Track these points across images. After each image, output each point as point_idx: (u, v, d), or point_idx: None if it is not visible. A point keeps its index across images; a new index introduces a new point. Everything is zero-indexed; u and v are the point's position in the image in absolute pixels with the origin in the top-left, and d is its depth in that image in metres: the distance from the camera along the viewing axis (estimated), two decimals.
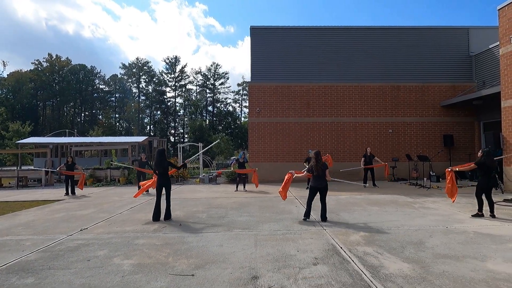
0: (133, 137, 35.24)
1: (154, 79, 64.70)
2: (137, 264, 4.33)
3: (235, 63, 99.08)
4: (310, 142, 15.54)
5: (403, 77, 15.97)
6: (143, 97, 64.79)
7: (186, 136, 59.25)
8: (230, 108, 64.80)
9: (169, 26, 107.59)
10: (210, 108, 64.79)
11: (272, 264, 4.21)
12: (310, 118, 15.78)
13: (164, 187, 7.19)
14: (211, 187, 13.83)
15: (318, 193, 6.82)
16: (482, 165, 6.79)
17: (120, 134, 58.69)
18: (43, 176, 16.27)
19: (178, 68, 64.56)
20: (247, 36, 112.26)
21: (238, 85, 65.00)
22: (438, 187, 11.81)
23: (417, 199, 9.42)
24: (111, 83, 67.02)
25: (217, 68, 64.48)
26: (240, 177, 12.36)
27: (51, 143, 21.45)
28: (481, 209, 6.80)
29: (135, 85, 65.14)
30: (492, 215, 6.70)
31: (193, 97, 64.99)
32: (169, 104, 64.79)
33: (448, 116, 15.79)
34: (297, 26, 16.73)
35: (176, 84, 64.60)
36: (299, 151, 15.45)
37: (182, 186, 14.40)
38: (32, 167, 20.27)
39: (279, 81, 15.95)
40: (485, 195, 6.82)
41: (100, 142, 22.36)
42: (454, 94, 15.64)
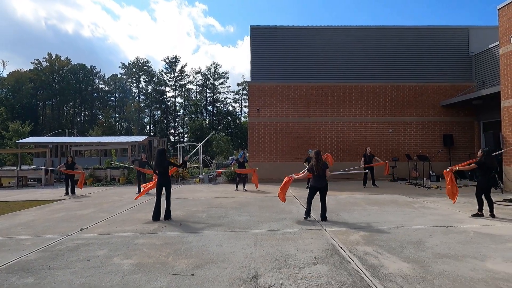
0: (133, 137, 35.25)
1: (154, 79, 64.73)
2: (137, 263, 4.33)
3: (235, 63, 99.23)
4: (310, 142, 15.54)
5: (403, 76, 15.98)
6: (143, 97, 64.81)
7: (186, 136, 59.26)
8: (230, 108, 64.95)
9: (168, 26, 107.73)
10: (210, 108, 64.83)
11: (272, 264, 4.21)
12: (310, 118, 15.79)
13: (164, 187, 7.20)
14: (211, 187, 13.84)
15: (318, 192, 6.83)
16: (482, 165, 6.80)
17: (120, 134, 58.69)
18: (43, 176, 16.28)
19: (178, 68, 64.65)
20: (247, 35, 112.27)
21: (238, 84, 65.13)
22: (438, 187, 11.82)
23: (417, 198, 9.42)
24: (111, 82, 67.02)
25: (217, 67, 64.58)
26: (240, 177, 12.36)
27: (51, 143, 21.46)
28: (481, 209, 6.80)
29: (135, 84, 65.21)
30: (492, 215, 6.70)
31: (193, 97, 65.02)
32: (169, 103, 64.82)
33: (448, 116, 15.79)
34: (297, 26, 16.74)
35: (176, 83, 64.61)
36: (299, 151, 15.45)
37: (182, 186, 14.40)
38: (33, 166, 20.27)
39: (279, 80, 15.95)
40: (484, 195, 6.83)
41: (100, 142, 22.36)
42: (454, 94, 15.65)
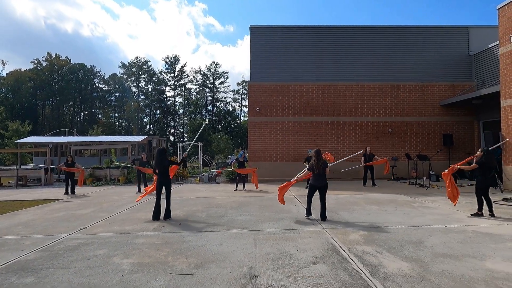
0: (132, 136, 35.22)
1: (154, 78, 64.69)
2: (137, 263, 4.33)
3: (235, 62, 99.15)
4: (310, 141, 15.54)
5: (402, 76, 15.96)
6: (143, 96, 64.78)
7: (185, 135, 59.22)
8: (230, 108, 64.92)
9: (168, 25, 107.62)
10: (209, 107, 64.81)
11: (271, 263, 4.22)
12: (309, 117, 15.78)
13: (164, 186, 7.21)
14: (210, 187, 13.84)
15: (317, 191, 6.83)
16: (482, 165, 6.81)
17: (120, 134, 58.67)
18: (42, 176, 16.27)
19: (177, 67, 64.59)
20: (246, 35, 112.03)
21: (238, 84, 65.05)
22: (437, 187, 11.82)
23: (416, 198, 9.43)
24: (111, 82, 66.96)
25: (216, 67, 64.52)
26: (239, 177, 12.35)
27: (50, 143, 21.45)
28: (481, 209, 6.81)
29: (135, 84, 65.14)
30: (491, 215, 6.70)
31: (193, 96, 64.99)
32: (168, 103, 64.80)
33: (448, 116, 15.79)
34: (297, 25, 16.71)
35: (175, 83, 64.59)
36: (298, 150, 15.45)
37: (182, 185, 14.40)
38: (33, 165, 20.26)
39: (279, 80, 15.94)
40: (483, 194, 6.84)
41: (99, 142, 22.36)
42: (453, 94, 15.65)
